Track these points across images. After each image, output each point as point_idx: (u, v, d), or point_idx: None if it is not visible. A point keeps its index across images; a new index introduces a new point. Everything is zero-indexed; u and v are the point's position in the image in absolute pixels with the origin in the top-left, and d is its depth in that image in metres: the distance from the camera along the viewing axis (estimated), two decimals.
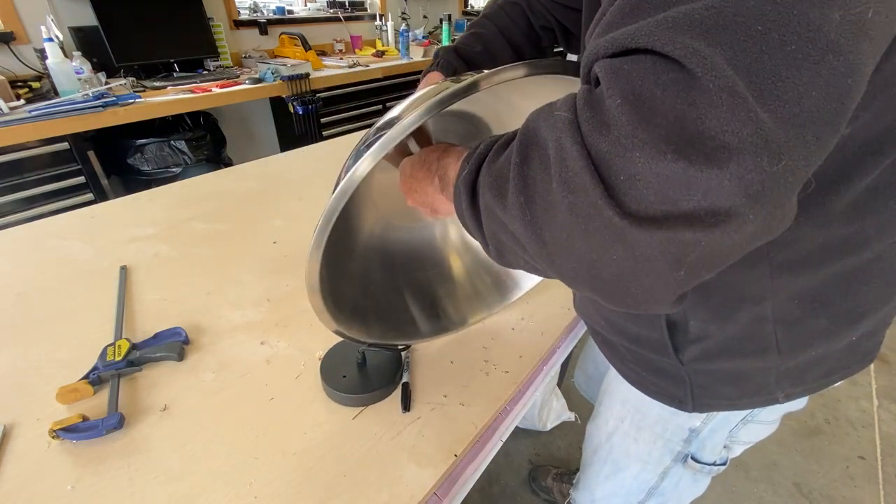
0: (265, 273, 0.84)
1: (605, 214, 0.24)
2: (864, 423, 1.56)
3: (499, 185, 0.31)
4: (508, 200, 0.29)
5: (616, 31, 0.24)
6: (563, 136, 0.25)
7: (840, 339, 0.46)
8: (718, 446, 0.62)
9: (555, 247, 0.28)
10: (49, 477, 0.50)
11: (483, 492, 1.33)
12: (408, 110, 0.40)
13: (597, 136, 0.24)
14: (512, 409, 0.61)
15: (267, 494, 0.48)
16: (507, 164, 0.30)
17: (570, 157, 0.25)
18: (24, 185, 1.58)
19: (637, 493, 0.72)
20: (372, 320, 0.62)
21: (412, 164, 0.49)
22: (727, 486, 1.35)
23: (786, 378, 0.49)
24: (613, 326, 0.56)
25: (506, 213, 0.30)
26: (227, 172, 1.33)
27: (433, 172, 0.46)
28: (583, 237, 0.26)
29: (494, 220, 0.32)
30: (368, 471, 0.51)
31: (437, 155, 0.46)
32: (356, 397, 0.58)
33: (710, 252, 0.24)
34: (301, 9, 3.07)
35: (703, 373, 0.51)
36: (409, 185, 0.50)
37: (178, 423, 0.56)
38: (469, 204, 0.34)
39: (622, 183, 0.23)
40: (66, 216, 1.06)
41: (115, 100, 1.75)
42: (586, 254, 0.26)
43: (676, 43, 0.21)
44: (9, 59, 1.87)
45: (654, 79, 0.22)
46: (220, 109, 2.40)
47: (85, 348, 0.66)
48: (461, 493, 0.52)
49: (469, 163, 0.34)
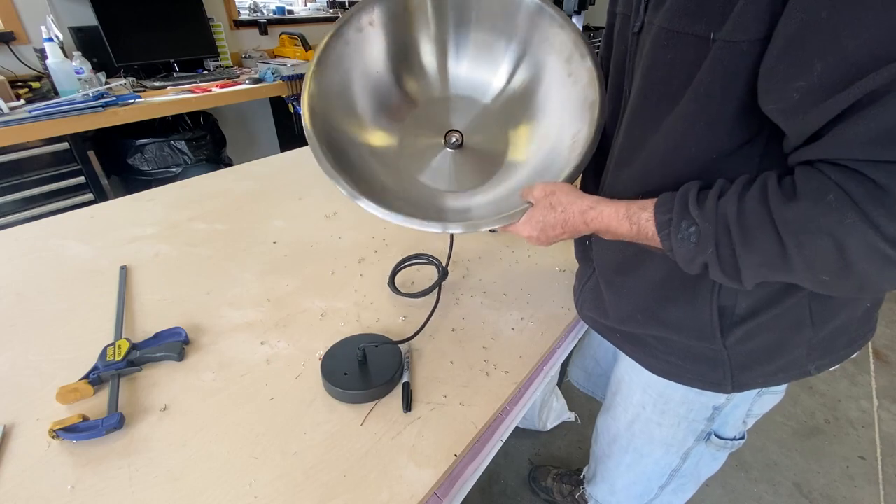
0: (265, 273, 0.84)
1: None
2: (864, 423, 1.56)
3: (770, 263, 0.40)
4: (782, 273, 0.40)
5: (883, 146, 0.33)
6: (863, 231, 0.35)
7: (859, 306, 0.52)
8: (739, 421, 0.65)
9: (838, 285, 0.38)
10: (49, 477, 0.50)
11: (483, 492, 1.33)
12: None
13: (893, 226, 0.34)
14: (512, 409, 0.61)
15: (267, 494, 0.48)
16: (778, 248, 0.38)
17: (872, 245, 0.35)
18: (24, 185, 1.58)
19: (658, 478, 0.74)
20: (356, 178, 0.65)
21: (545, 224, 0.56)
22: (727, 486, 1.35)
23: (816, 350, 0.54)
24: (652, 317, 0.57)
25: (778, 275, 0.41)
26: (227, 172, 1.33)
27: (573, 227, 0.54)
28: (876, 282, 0.37)
29: (758, 276, 0.42)
30: (368, 471, 0.51)
31: (581, 209, 0.53)
32: (358, 394, 0.58)
33: None
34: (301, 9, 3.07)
35: (743, 353, 0.54)
36: (540, 236, 0.57)
37: (178, 423, 0.56)
38: (718, 268, 0.43)
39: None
40: (66, 216, 1.06)
41: (115, 100, 1.75)
42: (871, 284, 0.37)
43: None
44: (9, 59, 1.87)
45: None
46: (220, 109, 2.40)
47: (85, 348, 0.66)
48: (461, 493, 0.52)
49: (697, 243, 0.43)
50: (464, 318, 0.74)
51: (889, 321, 2.01)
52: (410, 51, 0.74)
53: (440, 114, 0.76)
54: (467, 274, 0.85)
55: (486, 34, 0.72)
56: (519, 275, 0.85)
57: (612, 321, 0.63)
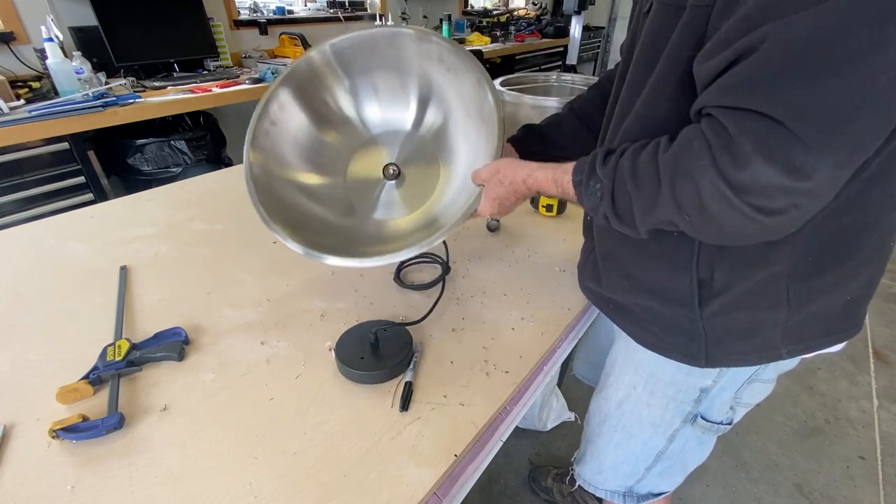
0: (265, 273, 0.84)
1: (746, 214, 0.38)
2: (864, 423, 1.56)
3: (651, 207, 0.45)
4: (661, 211, 0.44)
5: (738, 94, 0.37)
6: (712, 175, 0.38)
7: (839, 296, 0.54)
8: (726, 405, 0.68)
9: (703, 228, 0.43)
10: (49, 477, 0.50)
11: (483, 492, 1.33)
12: None
13: (735, 172, 0.37)
14: (512, 409, 0.61)
15: (267, 494, 0.48)
16: (657, 190, 0.43)
17: (718, 188, 0.38)
18: (24, 185, 1.58)
19: (645, 459, 0.75)
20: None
21: (499, 198, 0.64)
22: (727, 486, 1.35)
23: (790, 334, 0.55)
24: (639, 284, 0.61)
25: (659, 216, 0.45)
26: (227, 172, 1.33)
27: (522, 193, 0.63)
28: (728, 225, 0.40)
29: (645, 222, 0.47)
30: (368, 471, 0.51)
31: (522, 178, 0.61)
32: (375, 374, 0.61)
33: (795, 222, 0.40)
34: (301, 9, 3.07)
35: (718, 327, 0.56)
36: (500, 209, 0.66)
37: (178, 423, 0.56)
38: (615, 218, 0.50)
39: (753, 196, 0.37)
40: (66, 216, 1.06)
41: (115, 100, 1.75)
42: (726, 228, 0.41)
43: (778, 108, 0.34)
44: (9, 59, 1.87)
45: (769, 132, 0.35)
46: (220, 109, 2.40)
47: (85, 348, 0.66)
48: (461, 493, 0.52)
49: (601, 198, 0.50)
50: (464, 318, 0.74)
51: (889, 321, 2.01)
52: (328, 108, 0.83)
53: (372, 153, 0.85)
54: (467, 274, 0.85)
55: (387, 74, 0.81)
56: (519, 275, 0.85)
57: (605, 289, 0.67)
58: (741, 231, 0.41)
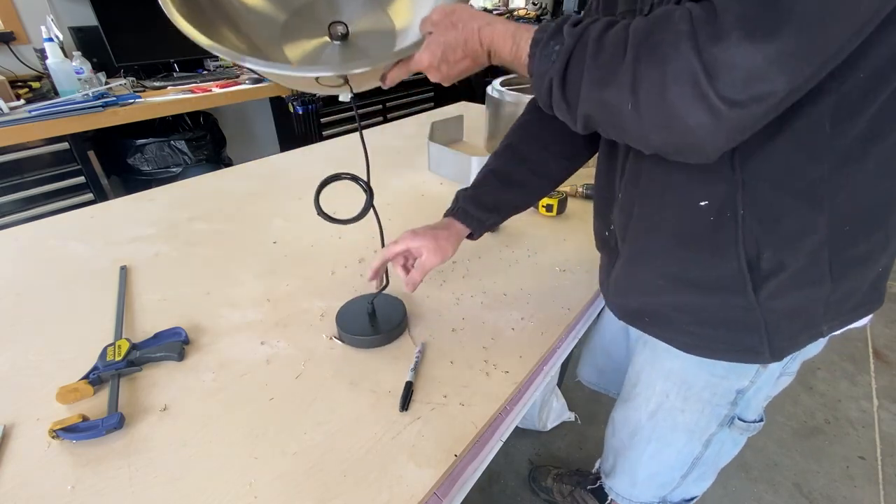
0: (265, 273, 0.84)
1: (709, 101, 0.36)
2: (864, 423, 1.56)
3: (605, 78, 0.41)
4: (612, 88, 0.40)
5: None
6: (686, 49, 0.36)
7: (872, 267, 0.53)
8: (761, 403, 0.66)
9: (649, 118, 0.40)
10: (49, 477, 0.50)
11: (483, 492, 1.33)
12: None
13: (711, 45, 0.35)
14: (512, 409, 0.61)
15: (267, 494, 0.48)
16: (618, 61, 0.40)
17: (689, 64, 0.36)
18: (24, 185, 1.58)
19: (681, 467, 0.73)
20: None
21: (446, 45, 0.53)
22: (727, 486, 1.35)
23: (831, 309, 0.54)
24: (677, 280, 0.56)
25: (607, 94, 0.41)
26: (227, 172, 1.33)
27: (472, 49, 0.52)
28: (678, 119, 0.38)
29: (590, 99, 0.43)
30: (368, 471, 0.51)
31: (479, 25, 0.52)
32: (372, 338, 0.68)
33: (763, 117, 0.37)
34: None
35: (776, 311, 0.53)
36: (442, 61, 0.54)
37: (178, 423, 0.56)
38: (560, 87, 0.45)
39: (722, 79, 0.35)
40: (66, 216, 1.06)
41: (115, 100, 1.75)
42: (674, 123, 0.38)
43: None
44: (9, 59, 1.87)
45: (755, 10, 0.33)
46: (220, 109, 2.40)
47: (85, 348, 0.66)
48: (461, 493, 0.52)
49: (554, 61, 0.44)
50: (464, 318, 0.74)
51: (889, 321, 2.01)
52: None
53: (319, 12, 0.72)
54: (467, 274, 0.85)
55: None
56: (519, 275, 0.85)
57: (635, 300, 0.62)
58: (689, 125, 0.37)
